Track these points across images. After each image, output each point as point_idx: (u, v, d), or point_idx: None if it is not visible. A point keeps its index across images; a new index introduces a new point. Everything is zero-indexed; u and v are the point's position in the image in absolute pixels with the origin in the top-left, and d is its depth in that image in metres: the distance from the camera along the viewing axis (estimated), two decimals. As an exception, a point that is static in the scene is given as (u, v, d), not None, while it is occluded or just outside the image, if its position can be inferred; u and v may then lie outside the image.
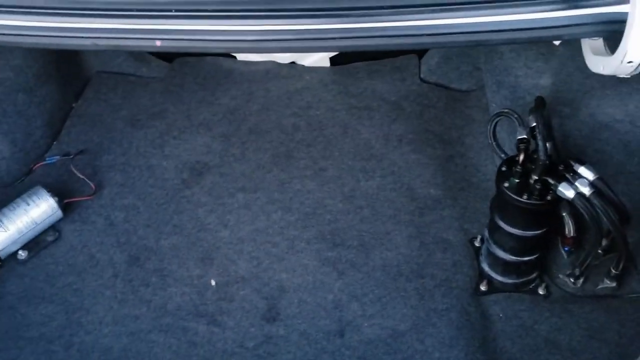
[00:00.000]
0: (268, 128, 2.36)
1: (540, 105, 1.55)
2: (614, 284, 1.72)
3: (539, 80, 1.85)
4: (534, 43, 1.39)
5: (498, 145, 1.77)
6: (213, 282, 1.90)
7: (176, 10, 1.18)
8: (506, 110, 1.68)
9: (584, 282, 1.75)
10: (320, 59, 2.59)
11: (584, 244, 1.80)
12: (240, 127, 2.37)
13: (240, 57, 2.63)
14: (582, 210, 1.45)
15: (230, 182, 2.17)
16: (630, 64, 1.15)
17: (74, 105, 2.45)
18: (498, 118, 1.73)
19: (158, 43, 1.18)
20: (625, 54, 1.13)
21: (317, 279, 1.87)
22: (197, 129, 2.36)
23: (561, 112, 1.73)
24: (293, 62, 2.62)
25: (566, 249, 1.81)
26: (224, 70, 2.61)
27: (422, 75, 2.44)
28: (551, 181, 1.48)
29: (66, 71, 2.41)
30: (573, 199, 1.44)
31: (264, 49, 1.28)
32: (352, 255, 1.92)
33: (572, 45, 1.76)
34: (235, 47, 1.23)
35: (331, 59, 2.57)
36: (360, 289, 1.83)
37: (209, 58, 2.63)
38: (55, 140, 2.30)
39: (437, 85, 2.43)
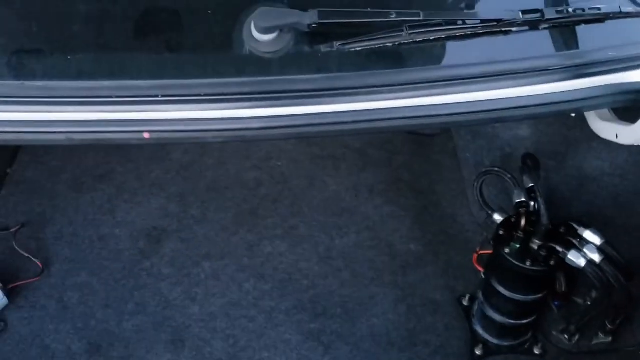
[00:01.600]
0: (227, 184, 2.20)
1: (536, 164, 1.49)
2: (609, 339, 1.69)
3: (517, 131, 1.81)
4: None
5: (485, 202, 1.70)
6: (187, 368, 1.71)
7: (163, 96, 1.01)
8: (496, 170, 1.61)
9: (579, 339, 1.70)
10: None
11: (573, 296, 1.77)
12: (197, 184, 2.20)
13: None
14: (592, 278, 1.40)
15: (193, 249, 2.00)
16: (655, 135, 1.11)
17: (8, 171, 2.19)
18: (485, 176, 1.66)
19: (146, 135, 1.01)
20: (653, 126, 1.08)
21: (302, 355, 1.73)
22: (149, 189, 2.17)
23: (545, 165, 1.69)
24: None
25: (556, 303, 1.76)
26: (173, 121, 2.42)
27: (385, 120, 2.36)
28: (559, 249, 1.42)
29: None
30: (584, 267, 1.39)
31: (271, 136, 1.14)
32: (336, 325, 1.79)
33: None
34: (239, 136, 1.08)
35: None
36: (351, 364, 1.71)
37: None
38: (-11, 213, 2.05)
39: (401, 130, 2.35)
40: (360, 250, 1.98)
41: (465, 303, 1.81)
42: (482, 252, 1.85)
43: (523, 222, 1.47)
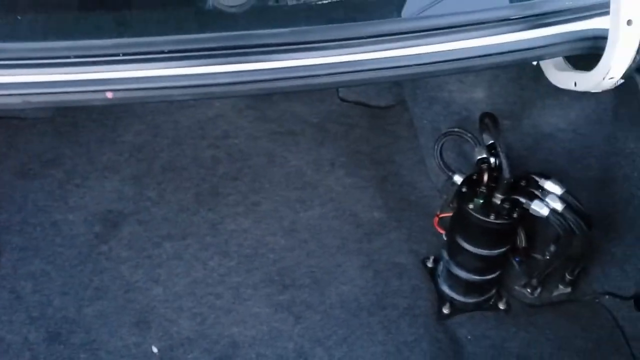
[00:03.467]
0: (184, 164, 2.15)
1: (495, 122, 1.52)
2: (568, 289, 1.76)
3: (472, 94, 1.85)
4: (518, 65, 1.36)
5: (445, 164, 1.73)
6: (155, 349, 1.67)
7: (124, 54, 0.97)
8: (456, 130, 1.64)
9: (540, 291, 1.76)
10: (228, 84, 2.42)
11: (532, 251, 1.82)
12: (152, 165, 2.14)
13: (140, 87, 2.38)
14: (556, 226, 1.44)
15: (152, 231, 1.94)
16: (612, 80, 1.15)
17: (-52, 159, 2.07)
18: (445, 138, 1.69)
19: (109, 95, 0.96)
20: (609, 70, 1.12)
21: (273, 327, 1.72)
22: (102, 173, 2.10)
23: (502, 125, 1.72)
24: (198, 89, 2.42)
25: (517, 259, 1.81)
26: (122, 103, 2.35)
27: (340, 95, 2.36)
28: (522, 200, 1.45)
29: None
30: (548, 216, 1.43)
31: (238, 92, 1.11)
32: (305, 295, 1.79)
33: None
34: (206, 92, 1.05)
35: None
36: (322, 332, 1.71)
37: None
38: None
39: (356, 103, 2.37)
40: (324, 222, 1.97)
41: (429, 265, 1.84)
42: (442, 215, 1.88)
43: (485, 177, 1.50)
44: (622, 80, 1.18)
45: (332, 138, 2.23)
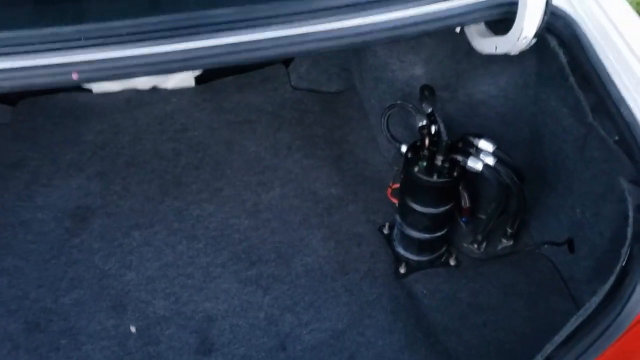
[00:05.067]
0: (146, 158, 2.23)
1: (432, 92, 1.67)
2: (511, 242, 1.92)
3: (413, 71, 1.99)
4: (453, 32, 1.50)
5: (392, 136, 1.87)
6: (133, 329, 1.76)
7: (85, 38, 1.08)
8: (399, 102, 1.78)
9: (486, 246, 1.92)
10: (183, 80, 2.52)
11: (476, 212, 1.98)
12: (115, 162, 2.22)
13: (97, 89, 2.46)
14: (490, 179, 1.60)
15: (121, 221, 2.03)
16: (525, 39, 1.31)
17: None
18: (390, 111, 1.83)
19: (75, 76, 1.06)
20: (522, 30, 1.28)
21: (243, 300, 1.82)
22: (67, 172, 2.17)
23: (440, 96, 1.88)
24: (154, 87, 2.51)
25: (464, 219, 1.97)
26: (81, 105, 2.42)
27: (292, 83, 2.48)
28: (459, 158, 1.60)
29: None
30: (482, 170, 1.58)
31: (193, 66, 1.22)
32: (272, 268, 1.90)
33: (437, 35, 1.92)
34: (164, 69, 1.15)
35: (196, 78, 2.51)
36: (290, 299, 1.82)
37: (60, 95, 2.43)
38: None
39: (308, 90, 2.48)
40: (286, 201, 2.09)
41: (385, 232, 1.97)
42: (394, 185, 2.03)
43: (427, 141, 1.65)
44: (535, 40, 1.34)
45: (287, 124, 2.35)
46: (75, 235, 1.98)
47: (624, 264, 1.11)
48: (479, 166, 1.58)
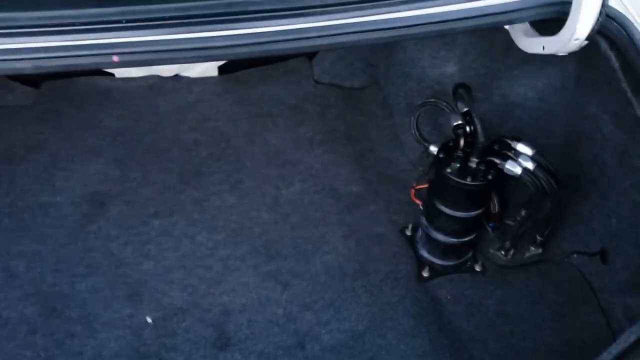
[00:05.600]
0: (166, 146, 2.20)
1: (469, 91, 1.62)
2: (539, 250, 1.87)
3: (445, 68, 1.95)
4: (490, 29, 1.45)
5: (422, 135, 1.82)
6: (149, 319, 1.73)
7: (127, 21, 1.03)
8: (432, 100, 1.73)
9: (513, 253, 1.87)
10: (207, 69, 2.48)
11: (504, 218, 1.94)
12: (135, 149, 2.18)
13: (119, 74, 2.42)
14: (528, 184, 1.55)
15: (139, 209, 1.99)
16: (577, 41, 1.26)
17: None
18: (422, 109, 1.78)
19: (115, 58, 1.02)
20: (574, 32, 1.23)
21: (262, 295, 1.78)
22: (86, 156, 2.13)
23: (473, 96, 1.82)
24: (177, 75, 2.48)
25: (491, 225, 1.92)
26: (102, 89, 2.39)
27: (315, 77, 2.44)
28: (497, 161, 1.56)
29: None
30: (521, 174, 1.53)
31: (234, 55, 1.17)
32: (291, 264, 1.86)
33: (472, 32, 1.87)
34: (203, 56, 1.11)
35: (219, 67, 2.47)
36: (309, 297, 1.78)
37: (82, 78, 2.39)
38: None
39: (331, 85, 2.44)
40: (306, 196, 2.05)
41: (408, 233, 1.93)
42: (418, 187, 1.98)
43: (462, 142, 1.60)
44: (586, 42, 1.29)
45: (310, 118, 2.31)
46: (93, 221, 1.94)
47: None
48: (517, 170, 1.53)
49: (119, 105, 2.32)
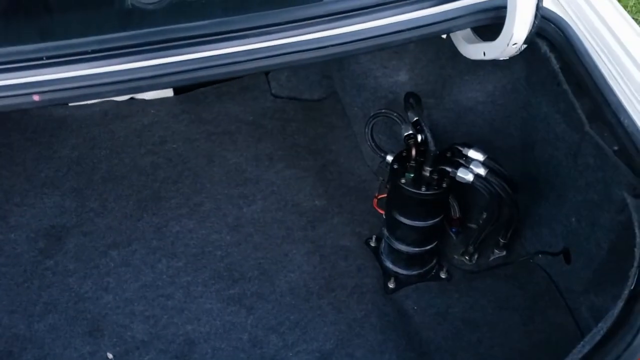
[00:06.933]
0: (124, 172, 2.15)
1: (418, 100, 1.60)
2: (503, 253, 1.85)
3: (397, 77, 1.93)
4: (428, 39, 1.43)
5: (377, 146, 1.80)
6: (110, 355, 1.68)
7: (47, 58, 0.99)
8: (383, 111, 1.71)
9: (477, 258, 1.85)
10: (162, 90, 2.43)
11: (467, 222, 1.92)
12: (92, 177, 2.13)
13: (72, 102, 2.37)
14: (481, 190, 1.53)
15: (97, 240, 1.94)
16: (515, 45, 1.24)
17: None
18: (374, 120, 1.76)
19: (36, 97, 0.98)
20: (511, 37, 1.21)
21: (226, 320, 1.75)
22: (41, 189, 2.08)
23: (426, 103, 1.81)
24: (132, 98, 2.43)
25: (453, 230, 1.90)
26: (55, 119, 2.34)
27: (273, 91, 2.41)
28: (448, 169, 1.54)
29: None
30: (473, 181, 1.52)
31: (163, 85, 1.14)
32: (255, 286, 1.82)
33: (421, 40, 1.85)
34: (133, 87, 1.07)
35: (174, 88, 2.43)
36: (275, 319, 1.75)
37: (35, 109, 2.33)
38: None
39: (289, 98, 2.41)
40: (268, 214, 2.01)
41: (372, 244, 1.91)
42: (380, 196, 1.96)
43: (413, 152, 1.58)
44: (525, 46, 1.28)
45: (269, 134, 2.28)
46: (50, 256, 1.89)
47: (632, 287, 1.04)
48: (469, 177, 1.52)
49: (74, 134, 2.27)
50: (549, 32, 1.31)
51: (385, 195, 1.88)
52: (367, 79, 1.97)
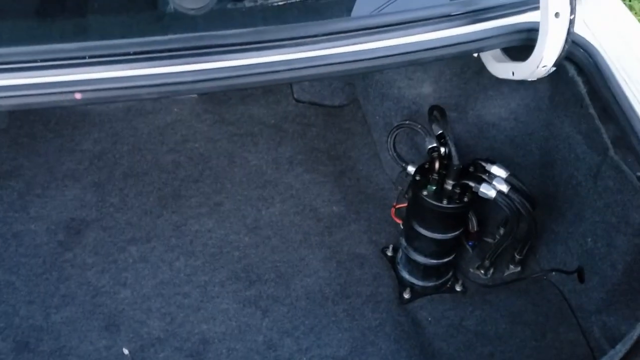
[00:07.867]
0: (145, 169, 2.18)
1: (443, 114, 1.62)
2: (518, 269, 1.87)
3: (420, 89, 1.95)
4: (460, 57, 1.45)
5: (399, 155, 1.82)
6: (126, 351, 1.70)
7: (90, 57, 1.02)
8: (407, 122, 1.73)
9: (493, 272, 1.87)
10: (185, 90, 2.46)
11: (483, 235, 1.94)
12: (113, 172, 2.16)
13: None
14: (502, 206, 1.55)
15: (116, 235, 1.97)
16: (545, 67, 1.26)
17: None
18: (397, 130, 1.78)
19: (78, 96, 1.01)
20: (542, 59, 1.23)
21: (242, 322, 1.77)
22: (62, 182, 2.10)
23: (448, 117, 1.82)
24: (155, 96, 2.45)
25: (470, 243, 1.92)
26: (79, 112, 2.36)
27: (295, 96, 2.43)
28: (471, 184, 1.55)
29: None
30: (495, 197, 1.53)
31: (200, 90, 1.16)
32: (271, 289, 1.84)
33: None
34: (171, 91, 1.10)
35: (198, 88, 2.45)
36: (290, 323, 1.77)
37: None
38: None
39: (311, 103, 2.43)
40: (286, 218, 2.03)
41: (389, 253, 1.92)
42: (398, 206, 1.97)
43: (437, 165, 1.60)
44: (554, 68, 1.29)
45: (290, 137, 2.30)
46: (69, 249, 1.92)
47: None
48: (492, 193, 1.53)
49: (97, 128, 2.29)
50: (578, 56, 1.32)
51: (403, 205, 1.90)
52: (390, 89, 1.99)
